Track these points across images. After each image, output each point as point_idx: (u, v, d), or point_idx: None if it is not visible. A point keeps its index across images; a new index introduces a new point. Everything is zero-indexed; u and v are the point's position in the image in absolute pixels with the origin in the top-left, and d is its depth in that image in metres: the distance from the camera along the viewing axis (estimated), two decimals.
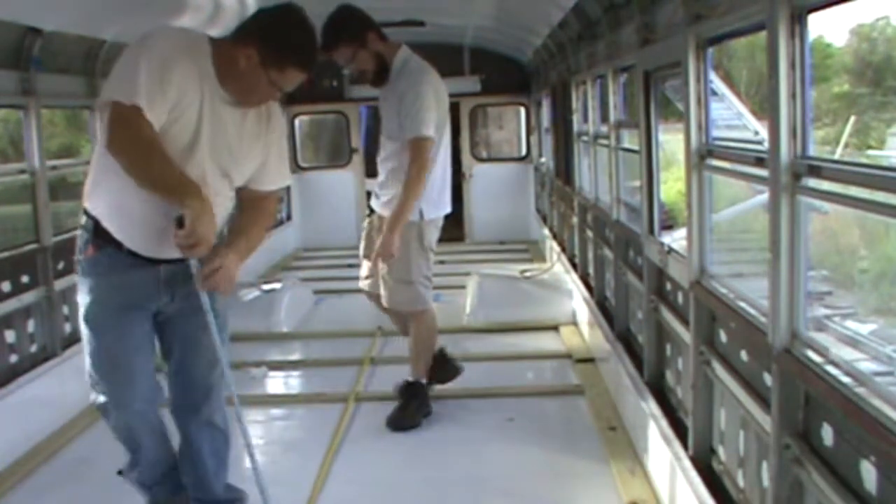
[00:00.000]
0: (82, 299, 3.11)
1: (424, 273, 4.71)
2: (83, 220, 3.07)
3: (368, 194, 11.35)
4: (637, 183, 4.73)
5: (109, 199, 2.99)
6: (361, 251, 4.93)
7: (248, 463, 4.40)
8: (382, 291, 4.75)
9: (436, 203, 4.64)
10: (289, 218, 11.15)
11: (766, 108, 2.63)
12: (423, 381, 4.78)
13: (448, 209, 4.78)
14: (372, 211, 4.88)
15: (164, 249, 2.94)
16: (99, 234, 3.01)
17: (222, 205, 3.08)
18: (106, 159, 2.85)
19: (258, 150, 3.12)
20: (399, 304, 4.76)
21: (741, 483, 3.11)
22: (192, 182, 2.79)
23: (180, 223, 2.72)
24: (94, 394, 3.19)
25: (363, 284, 5.01)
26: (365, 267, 4.91)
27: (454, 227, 9.87)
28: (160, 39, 2.85)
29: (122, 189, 2.87)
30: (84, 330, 3.12)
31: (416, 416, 4.70)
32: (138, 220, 2.97)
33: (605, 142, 5.81)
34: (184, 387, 3.28)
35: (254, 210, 3.22)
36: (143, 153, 2.75)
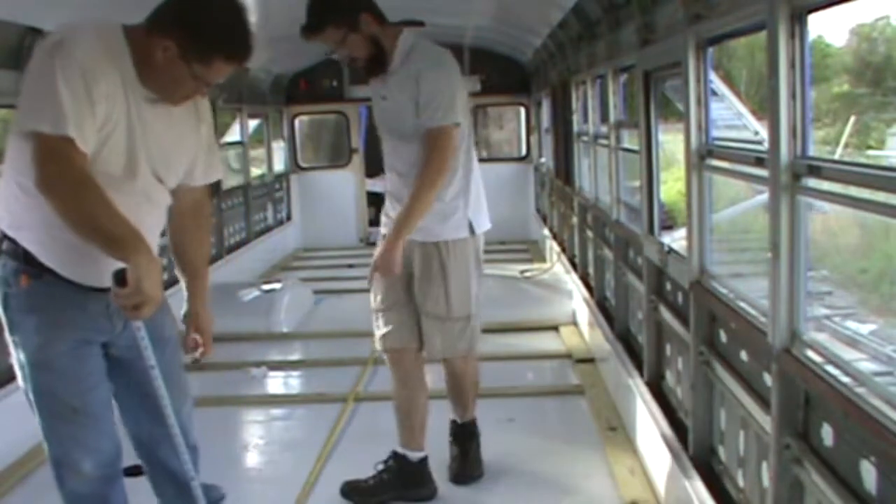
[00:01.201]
0: (25, 340, 2.62)
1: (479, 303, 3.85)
2: (4, 244, 2.61)
3: (368, 194, 11.58)
4: (637, 183, 4.73)
5: (40, 220, 2.51)
6: (377, 303, 3.82)
7: (247, 463, 4.44)
8: (430, 340, 3.77)
9: (484, 213, 3.81)
10: (289, 218, 11.15)
11: (766, 108, 2.63)
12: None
13: (489, 224, 3.85)
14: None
15: (109, 277, 2.43)
16: (31, 261, 2.58)
17: (160, 216, 2.78)
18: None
19: (188, 147, 2.76)
20: (458, 350, 3.81)
21: (741, 483, 3.11)
22: (136, 232, 2.37)
23: (121, 280, 2.30)
24: (52, 447, 2.70)
25: (388, 341, 3.81)
26: (385, 315, 3.81)
27: None
28: (74, 47, 2.42)
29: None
30: (31, 376, 2.64)
31: (480, 460, 4.06)
32: (76, 245, 2.48)
33: (604, 142, 5.81)
34: (151, 421, 2.85)
35: (193, 220, 2.89)
36: (77, 195, 2.34)
